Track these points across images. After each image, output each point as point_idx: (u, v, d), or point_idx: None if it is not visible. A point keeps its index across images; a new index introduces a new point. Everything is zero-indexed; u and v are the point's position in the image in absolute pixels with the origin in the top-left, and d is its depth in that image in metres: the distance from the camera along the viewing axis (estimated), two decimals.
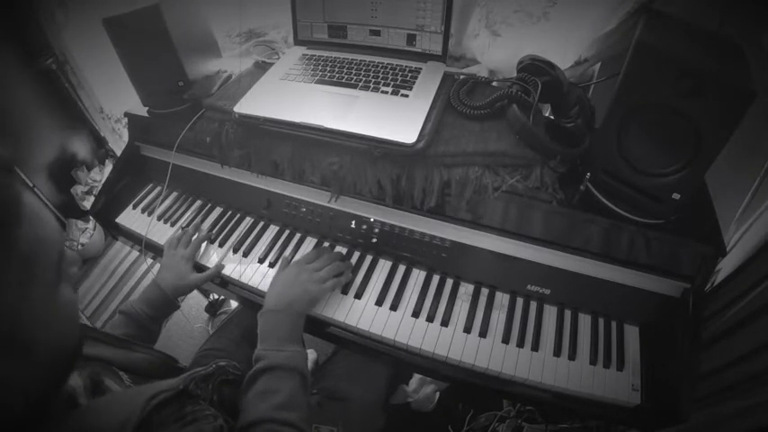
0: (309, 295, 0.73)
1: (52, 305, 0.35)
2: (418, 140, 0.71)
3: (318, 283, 0.74)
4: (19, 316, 0.32)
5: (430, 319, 0.75)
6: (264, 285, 0.81)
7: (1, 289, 0.31)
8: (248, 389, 0.60)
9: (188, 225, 0.95)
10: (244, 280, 0.83)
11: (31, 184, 1.61)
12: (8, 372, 0.32)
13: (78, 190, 1.77)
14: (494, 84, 0.86)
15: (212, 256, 0.89)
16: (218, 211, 0.97)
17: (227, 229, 0.92)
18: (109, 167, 1.86)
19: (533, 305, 0.76)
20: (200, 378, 0.52)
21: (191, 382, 0.49)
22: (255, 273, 0.84)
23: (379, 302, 0.77)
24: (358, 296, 0.78)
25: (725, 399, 0.74)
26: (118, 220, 1.01)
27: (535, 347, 0.71)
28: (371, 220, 0.83)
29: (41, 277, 0.34)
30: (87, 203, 1.78)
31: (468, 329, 0.73)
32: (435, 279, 0.80)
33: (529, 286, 0.76)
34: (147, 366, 0.58)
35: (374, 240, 0.83)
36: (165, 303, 0.79)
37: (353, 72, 0.86)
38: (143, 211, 1.00)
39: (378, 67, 0.87)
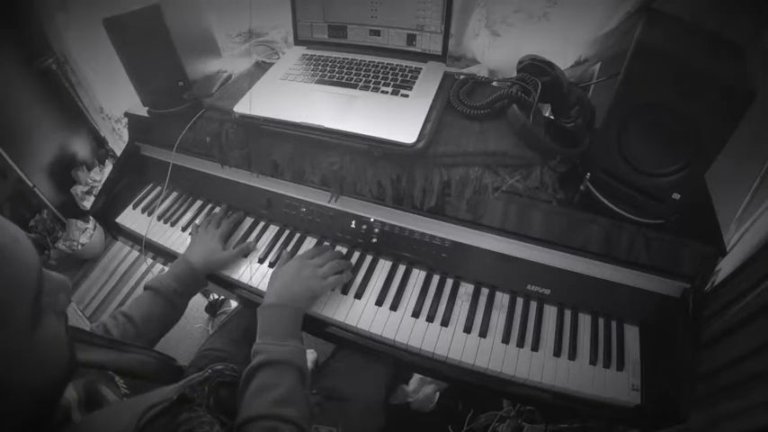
0: (311, 291, 0.73)
1: (32, 344, 0.33)
2: (418, 140, 0.71)
3: (320, 279, 0.74)
4: None
5: (430, 319, 0.75)
6: (264, 285, 0.81)
7: None
8: (247, 383, 0.59)
9: (188, 225, 0.95)
10: (243, 280, 0.83)
11: (31, 185, 1.62)
12: None
13: (78, 190, 1.78)
14: (494, 84, 0.86)
15: None
16: (218, 211, 0.97)
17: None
18: (109, 167, 1.86)
19: (533, 305, 0.76)
20: (196, 383, 0.51)
21: (186, 389, 0.48)
22: (255, 273, 0.84)
23: (379, 302, 0.77)
24: (358, 296, 0.78)
25: (725, 399, 0.74)
26: (118, 220, 1.01)
27: (535, 347, 0.71)
28: (371, 220, 0.83)
29: (13, 322, 0.32)
30: (87, 203, 1.78)
31: (468, 329, 0.73)
32: (435, 279, 0.80)
33: (529, 286, 0.76)
34: (141, 368, 0.57)
35: (374, 240, 0.83)
36: (193, 279, 0.80)
37: (353, 72, 0.86)
38: (143, 211, 1.00)
39: (378, 67, 0.87)
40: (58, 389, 0.39)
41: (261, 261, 0.86)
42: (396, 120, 0.75)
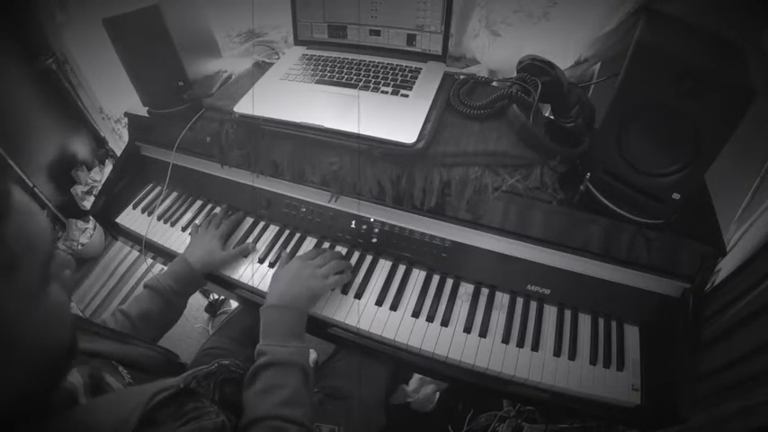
0: (312, 291, 0.73)
1: (38, 306, 0.35)
2: (418, 140, 0.71)
3: (321, 279, 0.74)
4: (1, 312, 0.31)
5: (430, 319, 0.75)
6: (264, 285, 0.82)
7: None
8: (251, 384, 0.60)
9: (188, 225, 0.95)
10: (244, 280, 0.83)
11: (31, 185, 1.62)
12: None
13: (78, 190, 1.78)
14: (494, 84, 0.86)
15: None
16: (218, 211, 0.97)
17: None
18: (109, 167, 1.86)
19: (533, 305, 0.76)
20: (201, 376, 0.51)
21: (192, 381, 0.48)
22: (255, 273, 0.84)
23: (380, 302, 0.77)
24: (358, 296, 0.78)
25: (725, 399, 0.74)
26: (118, 220, 1.01)
27: (535, 347, 0.71)
28: (371, 220, 0.83)
29: (26, 276, 0.33)
30: (87, 203, 1.78)
31: (468, 329, 0.73)
32: (435, 279, 0.80)
33: (529, 286, 0.76)
34: (146, 361, 0.57)
35: (374, 240, 0.83)
36: (191, 278, 0.80)
37: (353, 72, 0.86)
38: (143, 211, 1.00)
39: (378, 67, 0.87)
40: (60, 366, 0.39)
41: (261, 261, 0.86)
42: (396, 120, 0.75)
